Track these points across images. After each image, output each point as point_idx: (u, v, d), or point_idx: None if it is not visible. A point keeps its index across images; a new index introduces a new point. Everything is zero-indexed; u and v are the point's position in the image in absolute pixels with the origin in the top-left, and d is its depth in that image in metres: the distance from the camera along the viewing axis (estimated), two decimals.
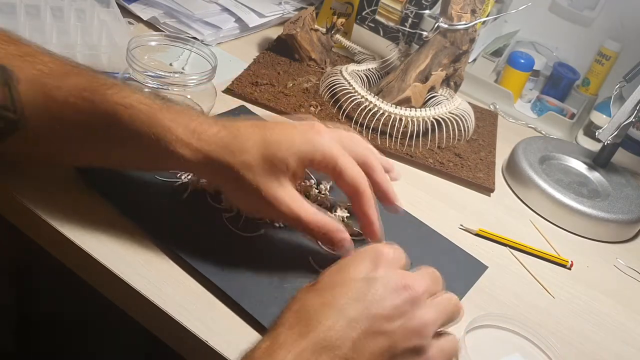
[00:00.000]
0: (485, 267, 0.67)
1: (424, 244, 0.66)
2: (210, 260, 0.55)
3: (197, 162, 0.52)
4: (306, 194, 0.66)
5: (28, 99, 0.51)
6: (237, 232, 0.59)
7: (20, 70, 0.52)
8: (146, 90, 0.72)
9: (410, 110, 0.82)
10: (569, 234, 0.78)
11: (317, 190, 0.67)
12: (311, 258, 0.59)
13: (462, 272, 0.64)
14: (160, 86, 0.70)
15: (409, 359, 0.43)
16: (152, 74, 0.69)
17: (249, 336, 0.51)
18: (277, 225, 0.61)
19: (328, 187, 0.68)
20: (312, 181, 0.68)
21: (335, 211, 0.64)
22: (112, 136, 0.53)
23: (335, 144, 0.54)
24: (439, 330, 0.47)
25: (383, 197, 0.58)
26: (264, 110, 0.83)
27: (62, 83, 0.52)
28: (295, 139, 0.53)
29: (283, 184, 0.53)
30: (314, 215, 0.54)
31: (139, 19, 0.95)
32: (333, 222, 0.54)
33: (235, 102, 0.82)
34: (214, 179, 0.54)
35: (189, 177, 0.63)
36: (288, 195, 0.53)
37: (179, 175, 0.63)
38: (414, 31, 0.98)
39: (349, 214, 0.65)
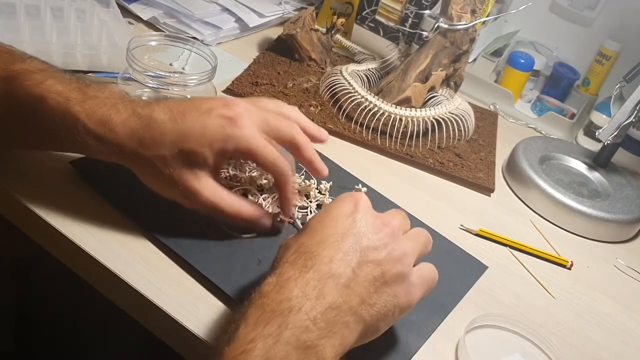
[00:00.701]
0: (485, 267, 0.67)
1: None
2: (210, 260, 0.56)
3: (107, 151, 0.54)
4: (306, 194, 0.67)
5: None
6: (236, 234, 0.59)
7: None
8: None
9: (410, 110, 0.82)
10: (569, 234, 0.78)
11: (317, 190, 0.67)
12: None
13: (462, 272, 0.64)
14: (160, 86, 0.70)
15: (397, 284, 0.47)
16: (152, 74, 0.69)
17: None
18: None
19: (328, 186, 0.68)
20: (313, 181, 0.68)
21: None
22: (25, 123, 0.55)
23: (254, 133, 0.54)
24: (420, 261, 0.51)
25: (313, 172, 0.60)
26: None
27: None
28: (211, 133, 0.53)
29: (200, 176, 0.54)
30: (234, 205, 0.56)
31: (139, 19, 0.95)
32: (251, 209, 0.57)
33: None
34: (128, 165, 0.55)
35: None
36: (206, 187, 0.55)
37: None
38: (414, 31, 0.98)
39: None
